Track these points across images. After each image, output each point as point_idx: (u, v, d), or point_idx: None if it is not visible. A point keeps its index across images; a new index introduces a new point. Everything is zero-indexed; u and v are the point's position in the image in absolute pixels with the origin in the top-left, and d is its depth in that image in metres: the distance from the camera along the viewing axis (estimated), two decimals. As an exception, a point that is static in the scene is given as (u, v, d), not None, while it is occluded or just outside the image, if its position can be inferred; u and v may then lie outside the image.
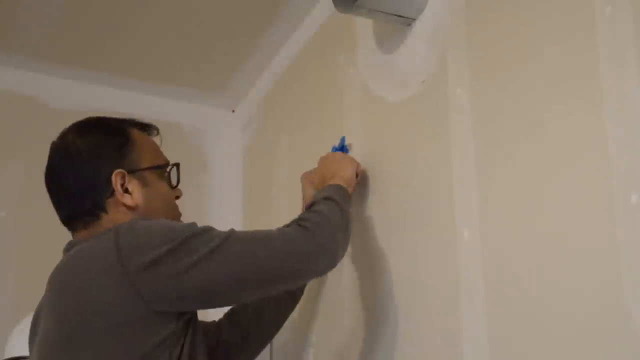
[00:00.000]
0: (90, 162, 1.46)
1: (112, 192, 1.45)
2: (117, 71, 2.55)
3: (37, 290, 1.48)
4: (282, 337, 2.02)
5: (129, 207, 1.46)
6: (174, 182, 1.56)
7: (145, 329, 1.33)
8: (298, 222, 1.49)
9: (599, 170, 1.18)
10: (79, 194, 1.45)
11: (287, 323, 1.86)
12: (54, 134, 1.53)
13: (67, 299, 1.36)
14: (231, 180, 2.70)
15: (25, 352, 1.76)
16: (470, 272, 1.43)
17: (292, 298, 1.82)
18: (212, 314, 1.74)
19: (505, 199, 1.38)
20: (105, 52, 2.45)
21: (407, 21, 1.72)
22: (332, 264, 1.50)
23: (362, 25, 1.92)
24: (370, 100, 1.86)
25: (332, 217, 1.53)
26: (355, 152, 1.85)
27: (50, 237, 1.53)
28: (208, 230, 1.39)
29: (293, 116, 2.32)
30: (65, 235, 1.50)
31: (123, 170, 1.46)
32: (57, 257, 1.45)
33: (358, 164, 1.77)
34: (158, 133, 1.59)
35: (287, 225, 1.50)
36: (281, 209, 1.85)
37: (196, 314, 1.45)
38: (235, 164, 2.72)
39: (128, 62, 2.51)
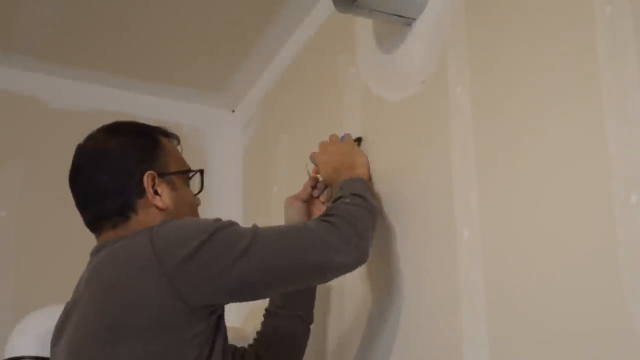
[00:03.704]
0: (123, 162, 1.48)
1: (143, 194, 1.47)
2: (117, 71, 2.55)
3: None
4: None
5: (159, 209, 1.48)
6: (197, 189, 1.58)
7: (178, 325, 1.34)
8: (321, 218, 1.49)
9: (599, 170, 1.18)
10: (111, 193, 1.47)
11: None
12: (54, 134, 1.54)
13: (105, 297, 1.38)
14: (231, 180, 2.69)
15: (25, 352, 1.76)
16: (470, 272, 1.43)
17: (307, 327, 1.78)
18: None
19: (505, 199, 1.38)
20: (105, 52, 2.45)
21: (407, 21, 1.72)
22: (359, 256, 1.48)
23: (362, 25, 1.92)
24: (370, 100, 1.86)
25: (359, 213, 1.51)
26: (355, 152, 1.84)
27: (50, 237, 1.53)
28: (234, 224, 1.42)
29: (293, 116, 2.32)
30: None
31: (154, 172, 1.48)
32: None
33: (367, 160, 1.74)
34: (179, 143, 1.61)
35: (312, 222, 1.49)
36: (281, 209, 1.85)
37: (223, 316, 1.45)
38: (235, 164, 2.71)
39: (128, 62, 2.51)
